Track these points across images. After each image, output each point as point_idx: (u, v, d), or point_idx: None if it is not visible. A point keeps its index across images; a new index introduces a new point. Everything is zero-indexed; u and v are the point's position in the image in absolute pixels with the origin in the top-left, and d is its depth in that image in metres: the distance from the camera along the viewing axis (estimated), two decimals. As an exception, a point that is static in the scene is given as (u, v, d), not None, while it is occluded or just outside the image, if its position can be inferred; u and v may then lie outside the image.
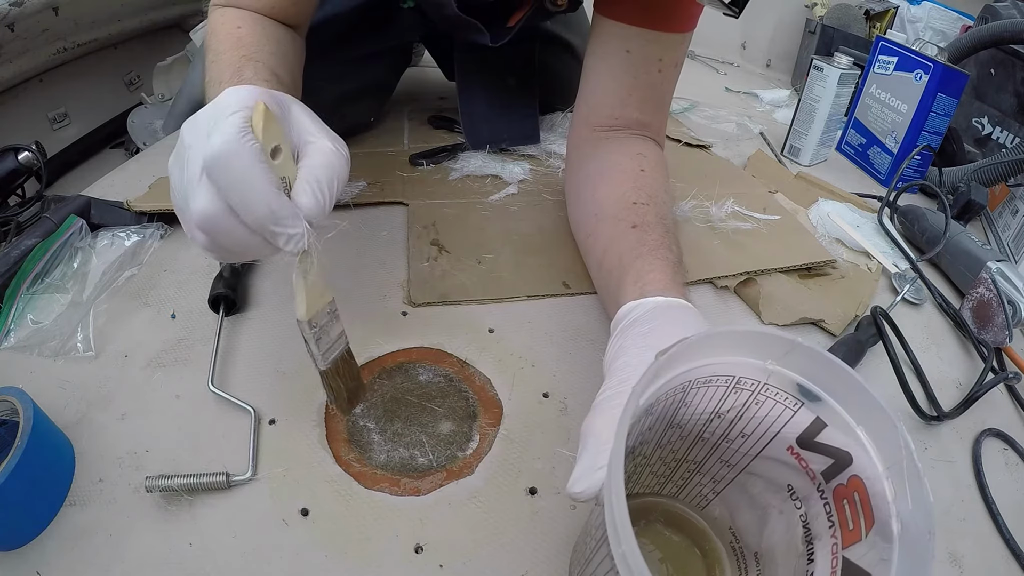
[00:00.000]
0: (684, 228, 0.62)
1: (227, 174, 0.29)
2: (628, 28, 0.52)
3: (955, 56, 0.83)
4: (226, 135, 0.28)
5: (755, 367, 0.27)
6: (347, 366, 0.37)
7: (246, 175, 0.29)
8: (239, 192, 0.29)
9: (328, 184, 0.32)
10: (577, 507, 0.38)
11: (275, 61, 0.43)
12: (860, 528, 0.24)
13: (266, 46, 0.44)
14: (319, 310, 0.34)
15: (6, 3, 0.79)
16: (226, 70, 0.40)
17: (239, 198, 0.29)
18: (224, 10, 0.47)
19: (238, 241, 0.31)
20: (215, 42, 0.44)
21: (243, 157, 0.29)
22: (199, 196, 0.29)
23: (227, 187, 0.29)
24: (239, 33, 0.44)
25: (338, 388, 0.37)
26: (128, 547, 0.34)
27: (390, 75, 0.80)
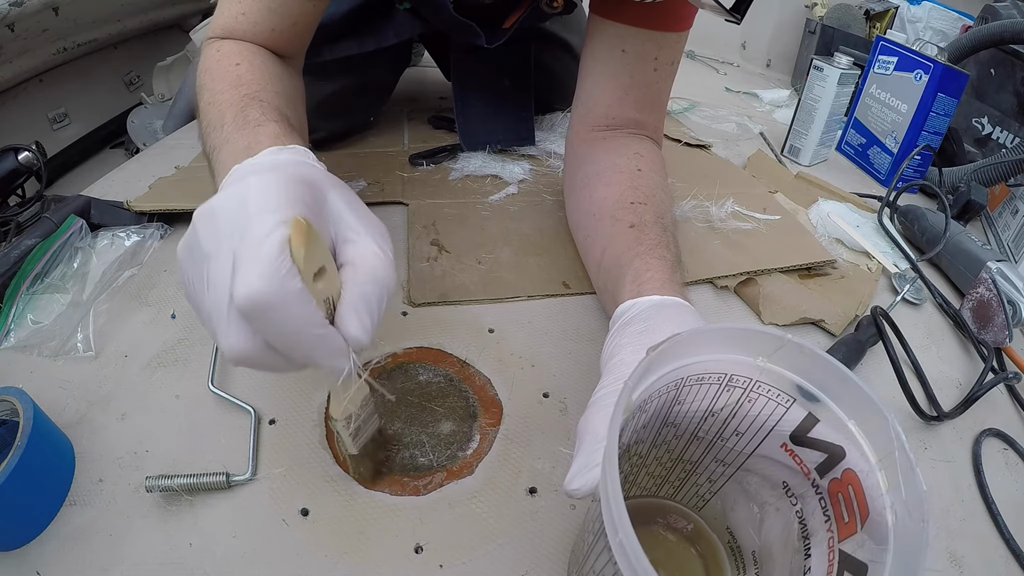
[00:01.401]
0: (684, 228, 0.62)
1: (267, 320, 0.25)
2: (624, 28, 0.52)
3: (955, 56, 0.83)
4: (261, 274, 0.24)
5: (746, 364, 0.27)
6: (375, 445, 0.37)
7: (288, 320, 0.25)
8: (280, 337, 0.25)
9: (377, 303, 0.28)
10: (576, 507, 0.38)
11: (281, 101, 0.41)
12: (855, 521, 0.24)
13: (269, 84, 0.42)
14: (354, 409, 0.32)
15: (6, 3, 0.79)
16: (228, 110, 0.37)
17: (280, 341, 0.26)
18: (219, 44, 0.46)
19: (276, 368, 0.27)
20: (210, 80, 0.42)
21: (287, 302, 0.24)
22: (231, 334, 0.25)
23: (266, 331, 0.25)
24: (238, 71, 0.42)
25: (365, 468, 0.37)
26: (128, 547, 0.34)
27: (389, 75, 0.80)
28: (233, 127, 0.36)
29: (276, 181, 0.27)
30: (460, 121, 0.75)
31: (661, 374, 0.26)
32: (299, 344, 0.26)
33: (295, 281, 0.24)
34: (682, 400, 0.28)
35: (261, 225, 0.25)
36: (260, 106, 0.37)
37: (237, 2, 0.47)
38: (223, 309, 0.25)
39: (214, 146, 0.37)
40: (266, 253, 0.24)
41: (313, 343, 0.26)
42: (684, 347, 0.26)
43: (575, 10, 0.72)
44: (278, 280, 0.24)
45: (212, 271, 0.26)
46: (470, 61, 0.75)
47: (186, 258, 0.28)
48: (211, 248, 0.26)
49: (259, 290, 0.24)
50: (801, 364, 0.26)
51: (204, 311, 0.27)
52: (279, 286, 0.24)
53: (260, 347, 0.26)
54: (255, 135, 0.35)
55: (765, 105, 1.11)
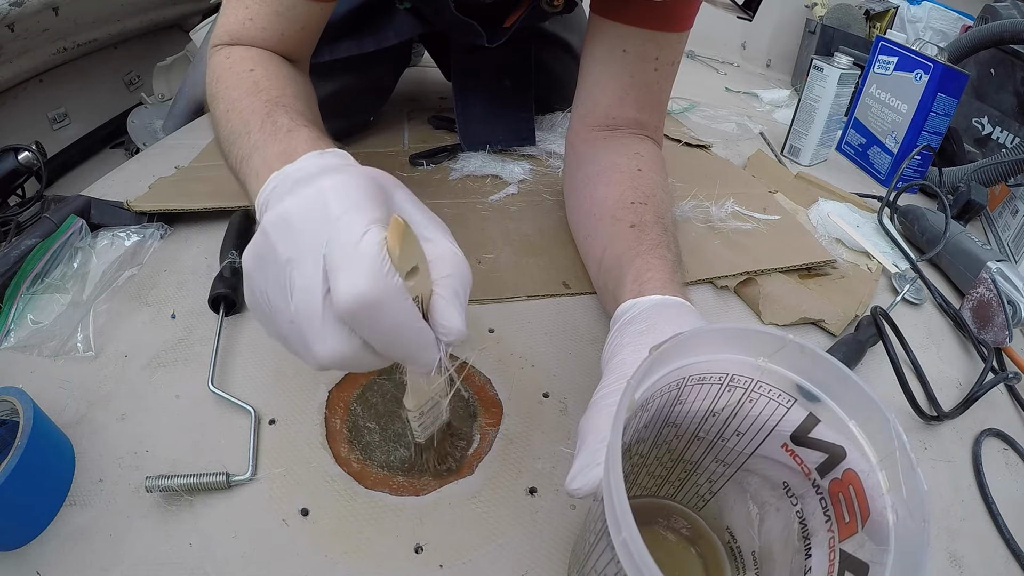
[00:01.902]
0: (684, 228, 0.62)
1: (372, 320, 0.24)
2: (625, 28, 0.52)
3: (955, 56, 0.83)
4: (368, 277, 0.23)
5: (748, 364, 0.27)
6: (442, 436, 0.37)
7: (393, 320, 0.24)
8: (383, 335, 0.25)
9: (465, 297, 0.28)
10: (577, 507, 0.38)
11: (301, 105, 0.40)
12: (856, 521, 0.24)
13: (287, 88, 0.41)
14: (427, 401, 0.32)
15: (6, 3, 0.79)
16: (252, 117, 0.37)
17: (381, 340, 0.25)
18: (227, 50, 0.45)
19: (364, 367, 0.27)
20: (224, 88, 0.41)
21: (391, 301, 0.24)
22: (331, 340, 0.25)
23: (368, 332, 0.25)
24: (254, 76, 0.42)
25: (428, 459, 0.38)
26: (128, 547, 0.34)
27: (389, 75, 0.80)
28: (261, 134, 0.35)
29: (352, 182, 0.26)
30: (460, 121, 0.75)
31: (663, 373, 0.26)
32: (399, 341, 0.26)
33: (397, 279, 0.24)
34: (683, 400, 0.28)
35: (354, 225, 0.24)
36: (286, 111, 0.37)
37: (244, 8, 0.46)
38: (316, 314, 0.25)
39: (242, 155, 0.36)
40: (367, 252, 0.24)
41: (411, 339, 0.26)
42: (686, 347, 0.26)
43: (575, 10, 0.72)
44: (383, 279, 0.24)
45: (297, 277, 0.25)
46: (470, 61, 0.75)
47: (256, 269, 0.27)
48: (291, 254, 0.25)
49: (366, 291, 0.23)
50: (802, 364, 0.26)
51: (284, 319, 0.26)
52: (384, 285, 0.24)
53: (358, 348, 0.26)
54: (288, 141, 0.34)
55: (765, 105, 1.11)
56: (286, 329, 0.26)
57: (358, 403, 0.43)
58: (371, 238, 0.24)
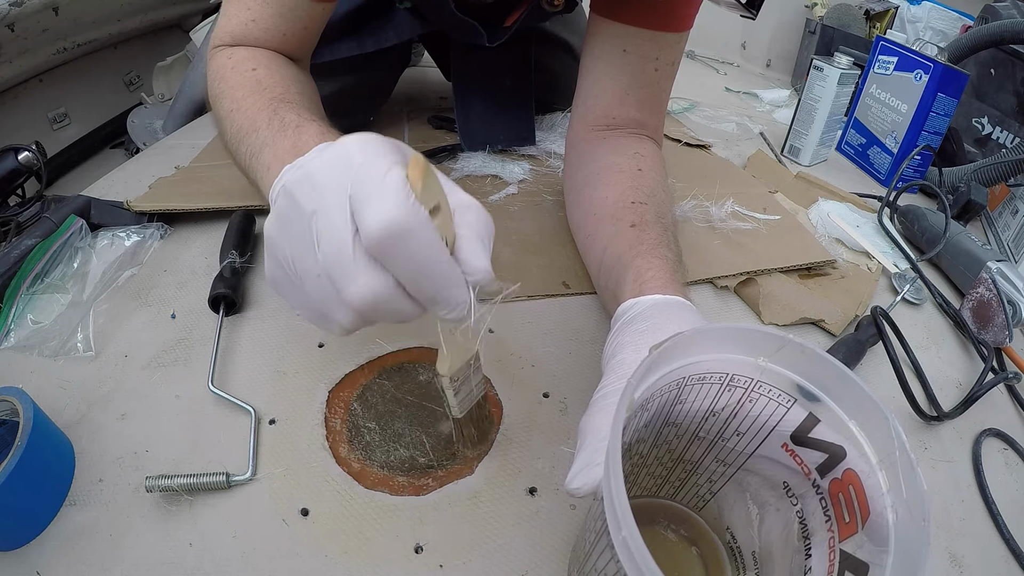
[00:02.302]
0: (684, 228, 0.62)
1: (402, 252, 0.24)
2: (625, 28, 0.52)
3: (955, 56, 0.83)
4: (394, 203, 0.23)
5: (748, 364, 0.27)
6: (480, 411, 0.37)
7: (421, 248, 0.24)
8: (412, 267, 0.25)
9: (489, 241, 0.28)
10: (577, 506, 0.38)
11: (306, 102, 0.40)
12: (856, 521, 0.24)
13: (291, 86, 0.41)
14: (461, 366, 0.32)
15: (6, 3, 0.79)
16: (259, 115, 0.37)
17: (412, 273, 0.25)
18: (229, 51, 0.45)
19: (395, 315, 0.27)
20: (229, 89, 0.41)
21: (420, 229, 0.24)
22: (363, 276, 0.25)
23: (398, 263, 0.25)
24: (256, 76, 0.42)
25: (469, 433, 0.38)
26: (128, 547, 0.34)
27: (388, 75, 0.80)
28: (269, 131, 0.36)
29: (372, 137, 0.26)
30: (460, 121, 0.75)
31: (663, 373, 0.26)
32: (429, 274, 0.25)
33: (422, 210, 0.24)
34: (683, 399, 0.28)
35: (377, 164, 0.24)
36: (292, 108, 0.37)
37: (246, 9, 0.46)
38: (347, 255, 0.25)
39: (251, 151, 0.36)
40: (392, 185, 0.24)
41: (441, 273, 0.25)
42: (686, 346, 0.26)
43: (575, 10, 0.72)
44: (410, 208, 0.24)
45: (323, 224, 0.25)
46: (470, 61, 0.75)
47: (277, 232, 0.27)
48: (316, 205, 0.25)
49: (395, 218, 0.23)
50: (802, 364, 0.26)
51: (311, 276, 0.26)
52: (413, 212, 0.24)
53: (391, 286, 0.25)
54: (298, 136, 0.35)
55: (765, 105, 1.11)
56: (314, 289, 0.26)
57: (358, 403, 0.43)
58: (395, 173, 0.24)
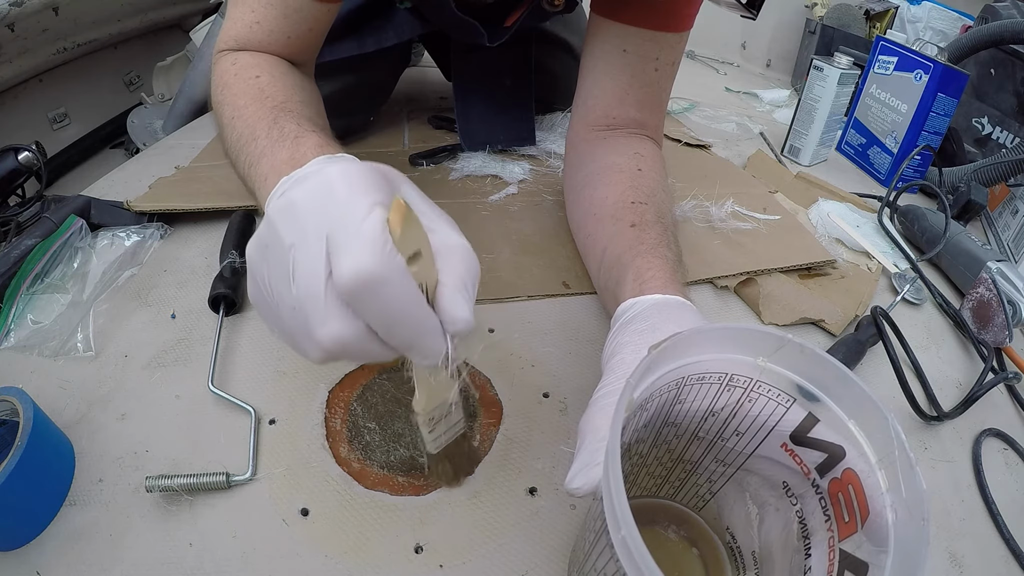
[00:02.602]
0: (684, 228, 0.62)
1: (373, 302, 0.24)
2: (625, 28, 0.52)
3: (955, 56, 0.83)
4: (369, 251, 0.23)
5: (747, 364, 0.27)
6: (458, 448, 0.36)
7: (394, 298, 0.24)
8: (384, 316, 0.25)
9: (473, 289, 0.27)
10: (577, 506, 0.38)
11: (309, 111, 0.40)
12: (856, 520, 0.24)
13: (294, 95, 0.41)
14: (437, 405, 0.32)
15: (6, 3, 0.79)
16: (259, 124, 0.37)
17: (383, 322, 0.25)
18: (233, 56, 0.45)
19: (366, 356, 0.27)
20: (231, 95, 0.41)
21: (394, 280, 0.24)
22: (333, 321, 0.24)
23: (370, 312, 0.25)
24: (259, 83, 0.42)
25: (444, 469, 0.37)
26: (128, 547, 0.34)
27: (388, 75, 0.80)
28: (268, 140, 0.36)
29: (358, 170, 0.26)
30: (460, 121, 0.75)
31: (662, 373, 0.26)
32: (402, 324, 0.25)
33: (399, 258, 0.24)
34: (683, 399, 0.28)
35: (358, 206, 0.24)
36: (292, 117, 0.37)
37: (250, 11, 0.46)
38: (318, 296, 0.24)
39: (250, 160, 0.37)
40: (369, 231, 0.23)
41: (415, 323, 0.25)
42: (685, 346, 0.26)
43: (576, 10, 0.72)
44: (384, 256, 0.23)
45: (299, 260, 0.25)
46: (470, 61, 0.75)
47: (258, 257, 0.27)
48: (295, 239, 0.25)
49: (367, 266, 0.23)
50: (801, 364, 0.26)
51: (286, 306, 0.26)
52: (387, 261, 0.23)
53: (361, 332, 0.25)
54: (296, 147, 0.34)
55: (765, 105, 1.11)
56: (288, 319, 0.26)
57: (358, 403, 0.43)
58: (374, 217, 0.24)
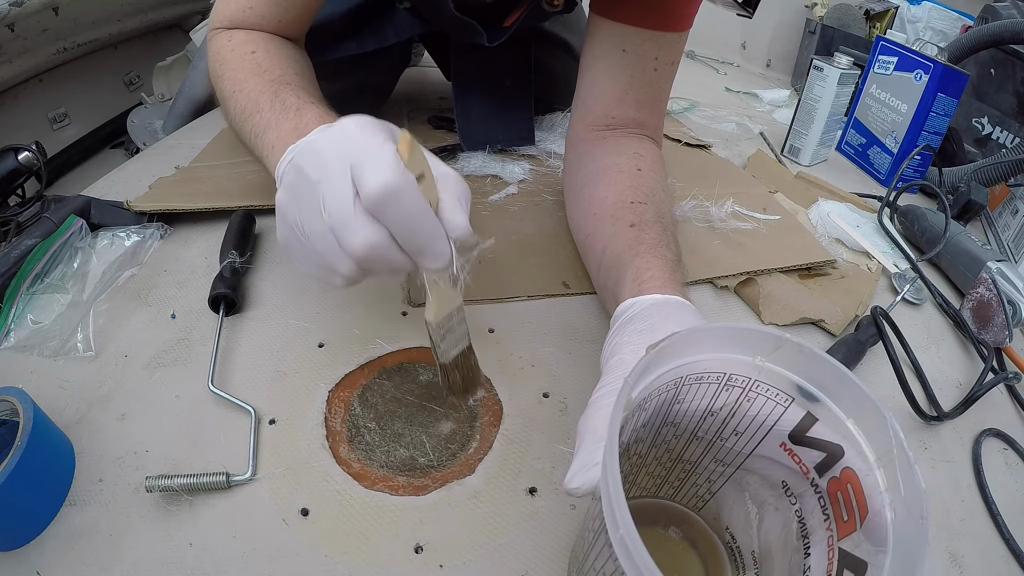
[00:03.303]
0: (684, 228, 0.62)
1: (393, 207, 0.29)
2: (624, 27, 0.52)
3: (955, 56, 0.83)
4: (387, 169, 0.29)
5: (745, 363, 0.27)
6: (466, 361, 0.40)
7: (410, 206, 0.30)
8: (403, 222, 0.30)
9: (467, 203, 0.33)
10: (577, 506, 0.38)
11: (304, 82, 0.43)
12: (855, 519, 0.24)
13: (289, 68, 0.44)
14: (447, 314, 0.36)
15: (6, 3, 0.79)
16: (261, 97, 0.40)
17: (402, 227, 0.30)
18: (228, 34, 0.47)
19: (389, 265, 0.32)
20: (230, 71, 0.44)
21: (407, 189, 0.29)
22: (363, 230, 0.30)
23: (391, 219, 0.30)
24: (256, 59, 0.44)
25: (455, 380, 0.39)
26: (128, 547, 0.34)
27: (388, 75, 0.80)
28: (271, 113, 0.39)
29: (368, 119, 0.32)
30: (460, 121, 0.75)
31: (660, 372, 0.26)
32: (418, 229, 0.30)
33: (410, 175, 0.30)
34: (681, 399, 0.28)
35: (372, 140, 0.30)
36: (291, 90, 0.40)
37: None
38: (349, 212, 0.30)
39: (256, 131, 0.40)
40: (387, 155, 0.29)
41: (427, 227, 0.31)
42: (683, 346, 0.26)
43: (575, 9, 0.72)
44: (401, 173, 0.29)
45: (328, 190, 0.30)
46: (470, 61, 0.75)
47: (289, 201, 0.32)
48: (321, 175, 0.30)
49: (390, 180, 0.29)
50: (799, 363, 0.26)
51: (318, 235, 0.31)
52: (404, 177, 0.29)
53: (386, 238, 0.30)
54: (299, 118, 0.38)
55: (765, 105, 1.11)
56: (320, 245, 0.31)
57: (358, 403, 0.43)
58: (388, 146, 0.30)
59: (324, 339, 0.47)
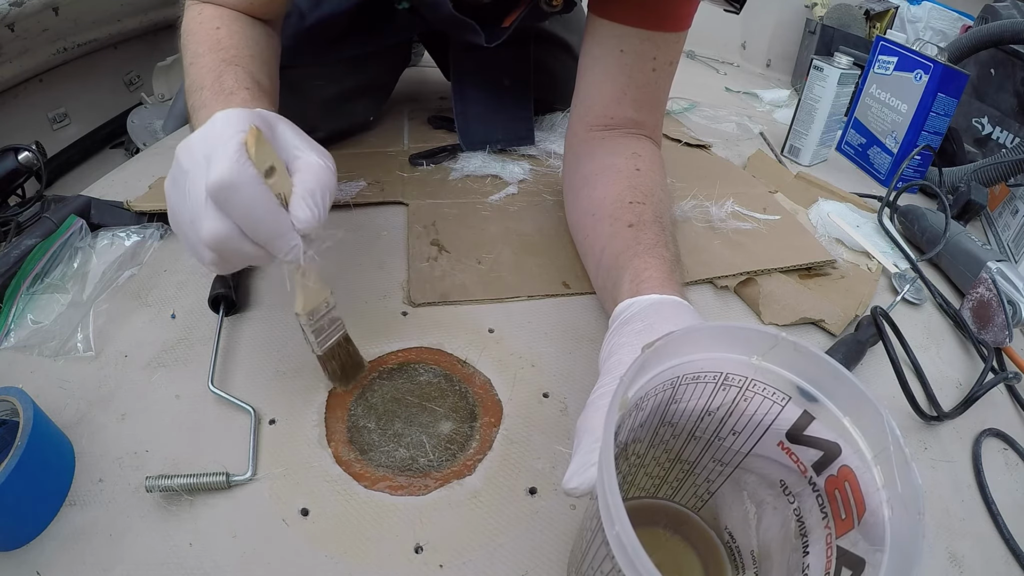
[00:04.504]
0: (684, 228, 0.62)
1: (232, 200, 0.31)
2: (623, 28, 0.52)
3: (955, 56, 0.83)
4: (227, 162, 0.30)
5: (741, 363, 0.27)
6: (343, 350, 0.42)
7: (249, 199, 0.31)
8: (244, 214, 0.31)
9: (321, 196, 0.34)
10: (576, 506, 0.38)
11: (255, 65, 0.44)
12: (852, 517, 0.24)
13: (245, 49, 0.45)
14: (315, 306, 0.38)
15: (6, 3, 0.79)
16: (207, 75, 0.41)
17: (245, 219, 0.32)
18: (200, 7, 0.48)
19: (243, 255, 0.33)
20: (193, 43, 0.45)
21: (245, 182, 0.31)
22: (207, 220, 0.32)
23: (233, 211, 0.31)
24: (218, 35, 0.45)
25: (333, 369, 0.41)
26: (128, 547, 0.34)
27: (388, 75, 0.80)
28: (210, 92, 0.40)
29: (236, 112, 0.34)
30: (459, 120, 0.75)
31: (657, 372, 0.26)
32: (259, 222, 0.32)
33: (251, 168, 0.31)
34: (678, 399, 0.28)
35: (224, 134, 0.32)
36: (235, 72, 0.41)
37: None
38: (201, 203, 0.31)
39: (194, 107, 0.42)
40: (228, 149, 0.31)
41: (268, 221, 0.32)
42: (679, 345, 0.26)
43: (575, 9, 0.72)
44: (238, 166, 0.30)
45: (191, 181, 0.32)
46: (470, 61, 0.75)
47: (170, 187, 0.34)
48: (189, 166, 0.33)
49: (223, 174, 0.30)
50: (796, 362, 0.26)
51: (186, 221, 0.33)
52: (239, 170, 0.30)
53: (232, 229, 0.32)
54: (227, 103, 0.39)
55: (765, 105, 1.11)
56: (189, 231, 0.33)
57: (358, 403, 0.43)
58: (234, 139, 0.31)
59: (324, 339, 0.47)
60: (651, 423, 0.29)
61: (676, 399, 0.28)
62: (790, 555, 0.27)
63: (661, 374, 0.26)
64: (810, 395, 0.26)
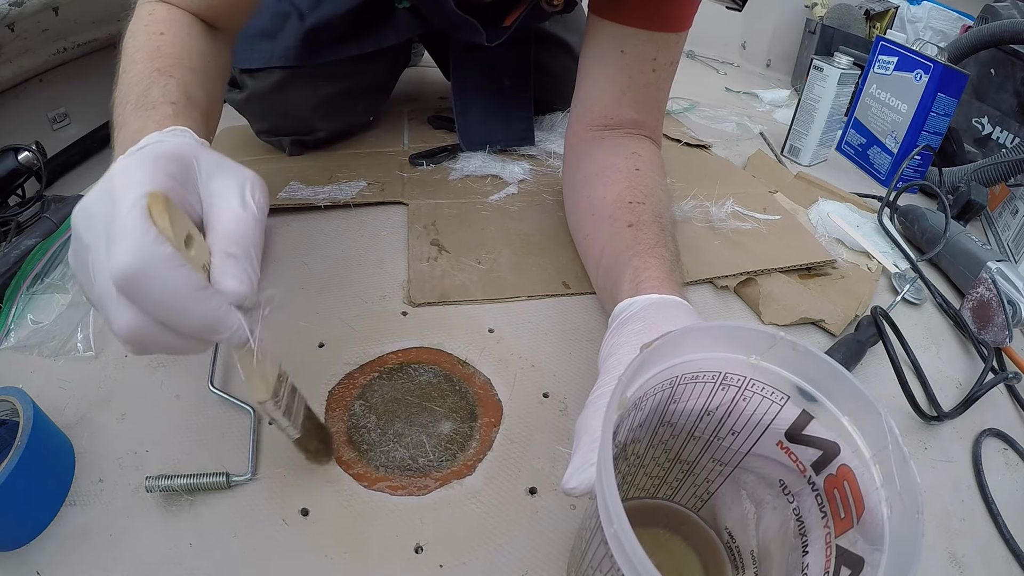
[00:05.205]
0: (684, 228, 0.62)
1: (147, 289, 0.24)
2: (623, 28, 0.52)
3: (955, 56, 0.83)
4: (131, 242, 0.24)
5: (740, 362, 0.27)
6: (312, 423, 0.37)
7: (167, 286, 0.25)
8: (164, 306, 0.25)
9: (246, 258, 0.28)
10: (576, 506, 0.38)
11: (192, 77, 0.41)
12: (851, 516, 0.24)
13: (186, 59, 0.41)
14: (275, 385, 0.32)
15: (6, 3, 0.79)
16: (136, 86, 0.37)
17: (165, 313, 0.25)
18: (152, 7, 0.45)
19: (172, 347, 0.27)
20: (132, 48, 0.42)
21: (158, 266, 0.24)
22: (119, 315, 0.25)
23: (149, 304, 0.25)
24: (160, 41, 0.42)
25: (315, 447, 0.37)
26: (128, 547, 0.34)
27: (388, 75, 0.80)
28: (133, 107, 0.36)
29: (137, 160, 0.27)
30: (459, 121, 0.75)
31: (655, 371, 0.26)
32: (182, 310, 0.26)
33: (164, 247, 0.24)
34: (677, 399, 0.28)
35: (123, 202, 0.25)
36: (164, 85, 0.37)
37: None
38: (109, 293, 0.25)
39: (116, 123, 0.37)
40: (130, 225, 0.24)
41: (195, 306, 0.26)
42: (677, 344, 0.26)
43: (575, 9, 0.72)
44: (147, 248, 0.24)
45: (93, 261, 0.26)
46: (470, 61, 0.75)
47: (74, 262, 0.28)
48: (90, 240, 0.26)
49: (129, 262, 0.24)
50: (794, 361, 0.26)
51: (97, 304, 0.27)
52: (149, 253, 0.24)
53: (149, 323, 0.26)
54: (147, 119, 0.35)
55: (765, 105, 1.11)
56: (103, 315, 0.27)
57: (358, 403, 0.43)
58: (135, 211, 0.24)
59: (324, 339, 0.47)
60: (650, 423, 0.29)
61: (675, 399, 0.28)
62: (789, 554, 0.27)
63: (660, 374, 0.26)
64: (809, 395, 0.26)
